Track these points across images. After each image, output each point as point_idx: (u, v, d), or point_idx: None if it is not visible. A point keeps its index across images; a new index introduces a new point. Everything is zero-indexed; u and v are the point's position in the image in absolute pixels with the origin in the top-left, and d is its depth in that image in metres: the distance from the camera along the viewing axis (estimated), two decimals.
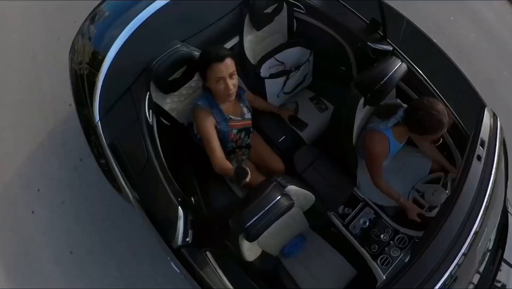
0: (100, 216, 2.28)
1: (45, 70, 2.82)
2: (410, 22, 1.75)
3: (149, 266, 2.14)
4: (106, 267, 2.15)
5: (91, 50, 1.82)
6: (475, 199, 1.25)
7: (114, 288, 2.08)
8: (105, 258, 2.17)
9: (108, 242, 2.20)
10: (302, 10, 1.91)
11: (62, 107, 2.61)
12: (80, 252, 2.20)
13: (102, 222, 2.25)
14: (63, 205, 2.33)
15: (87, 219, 2.28)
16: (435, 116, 1.44)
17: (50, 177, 2.42)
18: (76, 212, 2.30)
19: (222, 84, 1.48)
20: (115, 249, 2.18)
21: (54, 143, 2.54)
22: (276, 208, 1.24)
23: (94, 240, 2.21)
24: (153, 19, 1.75)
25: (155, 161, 1.47)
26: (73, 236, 2.24)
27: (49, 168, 2.45)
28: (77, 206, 2.32)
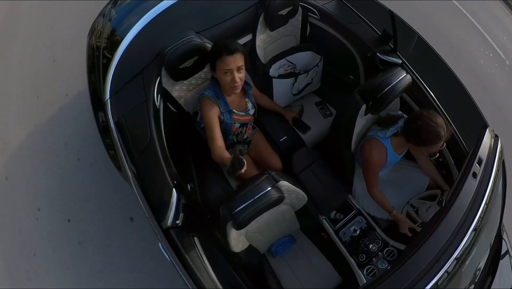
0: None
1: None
2: (421, 38, 1.76)
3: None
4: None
5: (110, 31, 1.90)
6: (465, 216, 1.25)
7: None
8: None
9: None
10: (316, 16, 1.94)
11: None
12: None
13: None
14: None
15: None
16: (432, 128, 1.44)
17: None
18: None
19: (229, 76, 1.53)
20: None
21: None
22: (265, 198, 1.26)
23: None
24: (172, 9, 1.81)
25: (157, 142, 1.51)
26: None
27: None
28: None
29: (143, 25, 1.79)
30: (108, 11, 2.02)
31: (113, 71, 1.70)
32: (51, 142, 2.59)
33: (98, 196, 2.38)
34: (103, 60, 1.79)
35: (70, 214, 2.34)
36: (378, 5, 1.85)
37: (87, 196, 2.39)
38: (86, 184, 2.43)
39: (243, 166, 1.26)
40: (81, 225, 2.30)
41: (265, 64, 1.97)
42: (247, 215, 1.25)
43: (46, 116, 2.70)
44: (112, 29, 1.90)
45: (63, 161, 2.51)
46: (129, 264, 2.18)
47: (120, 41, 1.76)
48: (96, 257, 2.21)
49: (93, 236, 2.27)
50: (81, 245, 2.24)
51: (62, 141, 2.59)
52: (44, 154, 2.55)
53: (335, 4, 1.96)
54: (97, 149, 2.46)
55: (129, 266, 2.17)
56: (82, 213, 2.34)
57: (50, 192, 2.42)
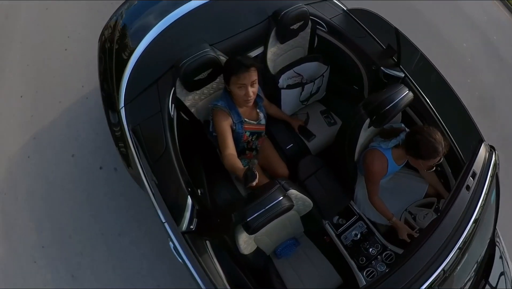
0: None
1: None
2: (423, 55, 1.85)
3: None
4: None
5: (123, 38, 1.98)
6: (458, 224, 1.35)
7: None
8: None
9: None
10: (324, 29, 2.02)
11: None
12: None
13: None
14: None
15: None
16: (431, 143, 1.53)
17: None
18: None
19: (243, 90, 1.60)
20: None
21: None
22: (276, 207, 1.35)
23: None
24: (185, 19, 1.87)
25: (172, 151, 1.59)
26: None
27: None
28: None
29: (156, 34, 1.85)
30: (120, 15, 2.09)
31: (127, 80, 1.77)
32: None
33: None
34: (117, 68, 1.86)
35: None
36: (384, 22, 1.92)
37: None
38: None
39: (255, 178, 1.33)
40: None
41: (275, 76, 2.05)
42: (261, 222, 1.33)
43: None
44: (125, 37, 1.98)
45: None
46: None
47: (133, 49, 1.83)
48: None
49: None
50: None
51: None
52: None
53: (343, 17, 2.03)
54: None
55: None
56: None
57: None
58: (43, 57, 3.07)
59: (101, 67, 2.03)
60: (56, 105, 2.84)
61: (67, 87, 2.90)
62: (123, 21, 2.10)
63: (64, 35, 3.18)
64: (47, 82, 2.95)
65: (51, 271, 2.30)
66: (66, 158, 2.63)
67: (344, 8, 2.07)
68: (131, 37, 1.98)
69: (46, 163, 2.62)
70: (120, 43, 1.96)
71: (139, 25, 1.98)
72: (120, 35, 2.01)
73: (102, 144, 2.63)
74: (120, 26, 2.07)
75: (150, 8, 2.00)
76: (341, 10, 2.06)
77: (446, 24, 3.51)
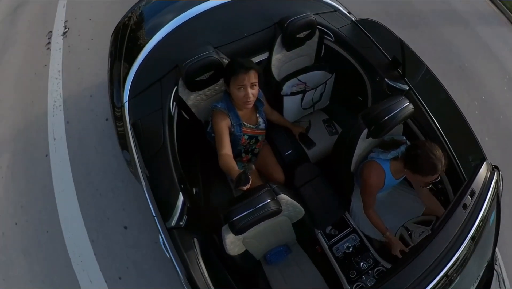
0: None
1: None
2: (428, 69, 1.82)
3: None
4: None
5: (133, 35, 2.07)
6: (452, 243, 1.30)
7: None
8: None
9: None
10: (331, 38, 2.03)
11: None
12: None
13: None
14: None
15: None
16: (431, 160, 1.49)
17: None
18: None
19: (242, 92, 1.63)
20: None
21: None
22: (263, 209, 1.35)
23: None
24: (193, 21, 1.94)
25: (169, 147, 1.63)
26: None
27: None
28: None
29: (165, 34, 1.92)
30: (134, 12, 2.19)
31: (133, 76, 1.83)
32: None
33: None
34: (124, 64, 1.94)
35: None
36: (390, 33, 1.91)
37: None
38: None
39: (247, 183, 1.34)
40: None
41: (279, 82, 2.06)
42: (246, 223, 1.33)
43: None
44: (136, 34, 2.06)
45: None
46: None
47: (142, 47, 1.90)
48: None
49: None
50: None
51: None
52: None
53: (351, 28, 2.03)
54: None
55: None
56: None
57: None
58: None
59: (111, 62, 2.12)
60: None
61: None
62: (136, 19, 2.21)
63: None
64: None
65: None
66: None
67: (352, 19, 2.07)
68: (141, 35, 2.06)
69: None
70: (130, 40, 2.05)
71: (151, 24, 2.07)
72: (131, 32, 2.10)
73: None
74: (133, 24, 2.18)
75: (162, 9, 2.09)
76: (349, 20, 2.06)
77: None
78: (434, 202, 1.82)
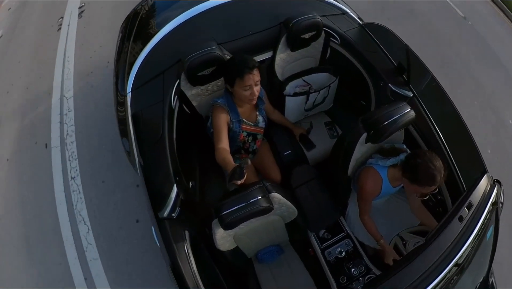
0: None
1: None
2: (434, 77, 1.78)
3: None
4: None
5: (141, 28, 2.12)
6: (444, 256, 1.27)
7: None
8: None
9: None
10: (337, 41, 2.01)
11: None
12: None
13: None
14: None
15: None
16: (430, 170, 1.45)
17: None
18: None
19: (248, 91, 1.64)
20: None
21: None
22: (253, 205, 1.34)
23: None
24: (199, 17, 1.96)
25: (167, 139, 1.65)
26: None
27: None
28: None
29: (171, 29, 1.94)
30: (145, 5, 2.24)
31: (137, 67, 1.86)
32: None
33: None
34: (130, 55, 1.97)
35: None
36: (397, 39, 1.88)
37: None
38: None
39: (242, 177, 1.34)
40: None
41: (282, 82, 2.06)
42: (234, 218, 1.33)
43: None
44: (144, 25, 2.10)
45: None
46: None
47: (148, 39, 1.94)
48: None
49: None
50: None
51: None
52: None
53: (357, 31, 2.02)
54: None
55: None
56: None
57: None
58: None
59: (118, 52, 2.16)
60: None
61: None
62: (147, 10, 2.25)
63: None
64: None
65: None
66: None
67: (360, 22, 2.05)
68: (149, 27, 2.11)
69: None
70: (138, 31, 2.09)
71: (160, 17, 2.12)
72: (140, 23, 2.15)
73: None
74: (143, 15, 2.23)
75: (172, 3, 2.13)
76: (357, 24, 2.04)
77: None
78: (426, 215, 1.76)
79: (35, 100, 3.30)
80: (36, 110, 3.22)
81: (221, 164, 1.59)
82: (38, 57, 3.65)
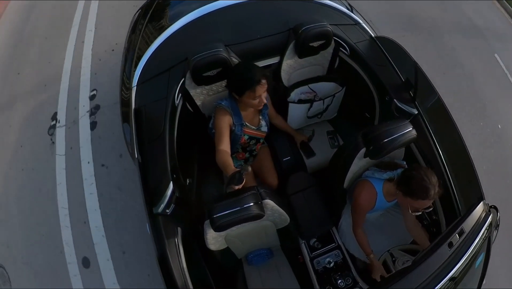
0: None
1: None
2: (440, 98, 1.76)
3: None
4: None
5: (152, 22, 2.15)
6: (430, 279, 1.26)
7: None
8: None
9: None
10: (346, 52, 2.00)
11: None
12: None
13: None
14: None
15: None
16: (423, 183, 1.44)
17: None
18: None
19: (257, 100, 1.66)
20: None
21: None
22: (245, 211, 1.35)
23: None
24: (209, 16, 1.96)
25: (167, 136, 1.67)
26: None
27: None
28: None
29: (181, 26, 1.95)
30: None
31: (145, 61, 1.88)
32: None
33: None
34: (138, 50, 1.99)
35: None
36: (407, 55, 1.85)
37: None
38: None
39: (240, 183, 1.36)
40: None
41: (288, 88, 2.06)
42: (225, 222, 1.34)
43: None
44: (155, 20, 2.12)
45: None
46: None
47: (158, 34, 1.95)
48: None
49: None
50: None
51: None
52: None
53: (368, 43, 1.99)
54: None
55: None
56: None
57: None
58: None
59: (127, 45, 2.19)
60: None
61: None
62: (160, 4, 2.28)
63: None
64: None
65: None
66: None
67: (372, 35, 2.03)
68: (160, 22, 2.12)
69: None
70: (149, 25, 2.11)
71: (171, 12, 2.13)
72: (152, 16, 2.17)
73: None
74: (156, 8, 2.24)
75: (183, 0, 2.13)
76: (368, 36, 2.02)
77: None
78: (419, 232, 1.75)
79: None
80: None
81: (221, 166, 1.60)
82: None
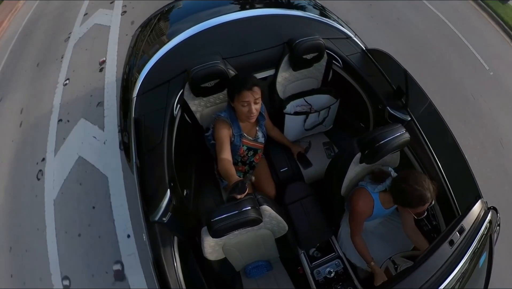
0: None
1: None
2: (431, 103, 1.81)
3: None
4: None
5: (153, 36, 2.24)
6: (432, 280, 1.23)
7: None
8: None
9: None
10: (339, 64, 2.08)
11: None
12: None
13: None
14: None
15: None
16: (417, 192, 1.44)
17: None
18: None
19: (246, 108, 1.68)
20: None
21: None
22: (243, 214, 1.34)
23: None
24: (207, 31, 2.06)
25: (165, 146, 1.69)
26: None
27: None
28: None
29: (181, 40, 2.04)
30: (157, 18, 2.38)
31: (146, 73, 1.95)
32: None
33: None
34: (140, 61, 2.08)
35: None
36: (396, 64, 1.93)
37: None
38: None
39: (243, 192, 1.36)
40: None
41: (284, 100, 2.11)
42: (223, 226, 1.32)
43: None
44: (155, 36, 2.22)
45: None
46: None
47: (157, 50, 2.04)
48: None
49: None
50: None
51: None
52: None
53: (360, 56, 2.08)
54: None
55: None
56: None
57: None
58: None
59: (128, 57, 2.28)
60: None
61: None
62: (163, 19, 2.40)
63: None
64: None
65: None
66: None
67: (363, 48, 2.12)
68: (161, 36, 2.23)
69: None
70: (151, 38, 2.21)
71: (173, 28, 2.25)
72: (152, 33, 2.27)
73: None
74: (159, 22, 2.37)
75: (186, 16, 2.27)
76: (359, 48, 2.11)
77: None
78: (419, 237, 1.72)
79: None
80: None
81: (224, 175, 1.59)
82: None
